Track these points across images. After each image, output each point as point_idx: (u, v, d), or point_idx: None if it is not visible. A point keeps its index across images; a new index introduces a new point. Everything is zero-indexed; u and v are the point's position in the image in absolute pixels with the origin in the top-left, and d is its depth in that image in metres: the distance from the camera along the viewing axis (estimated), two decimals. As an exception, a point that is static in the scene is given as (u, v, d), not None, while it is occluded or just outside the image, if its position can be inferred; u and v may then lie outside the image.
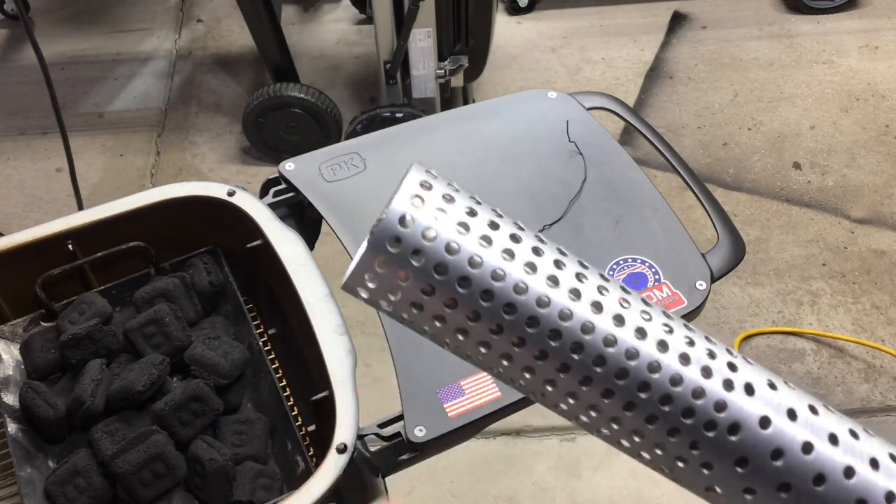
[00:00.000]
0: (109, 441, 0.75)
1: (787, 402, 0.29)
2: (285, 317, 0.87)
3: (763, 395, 0.29)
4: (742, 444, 0.28)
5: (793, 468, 0.28)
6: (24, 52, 2.47)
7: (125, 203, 0.87)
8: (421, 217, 0.30)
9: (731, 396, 0.29)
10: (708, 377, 0.29)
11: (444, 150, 0.98)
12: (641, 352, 0.29)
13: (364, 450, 0.75)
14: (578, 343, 0.29)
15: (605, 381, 0.29)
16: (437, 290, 0.30)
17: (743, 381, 0.29)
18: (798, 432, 0.29)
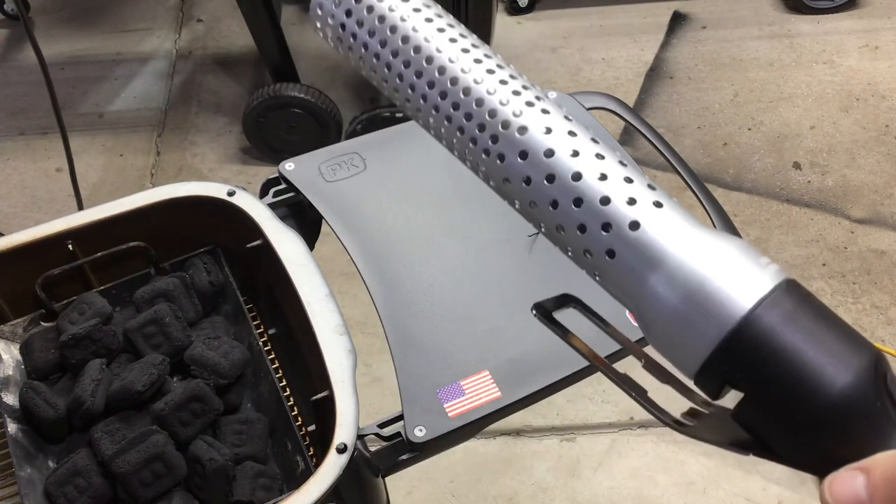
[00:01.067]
0: (109, 441, 0.75)
1: (564, 128, 0.37)
2: (285, 317, 0.87)
3: (554, 123, 0.37)
4: (526, 142, 0.37)
5: (558, 166, 0.36)
6: (24, 52, 2.47)
7: (125, 203, 0.87)
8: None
9: (528, 111, 0.38)
10: (510, 97, 0.38)
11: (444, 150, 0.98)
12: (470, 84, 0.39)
13: (364, 450, 0.75)
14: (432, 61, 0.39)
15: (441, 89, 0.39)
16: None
17: (538, 107, 0.38)
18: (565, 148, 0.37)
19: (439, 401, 0.76)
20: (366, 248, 0.87)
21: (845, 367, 0.32)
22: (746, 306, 0.33)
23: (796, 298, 0.34)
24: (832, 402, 0.32)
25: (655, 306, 0.35)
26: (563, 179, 0.36)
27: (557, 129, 0.37)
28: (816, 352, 0.33)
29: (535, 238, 0.88)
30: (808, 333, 0.33)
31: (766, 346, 0.33)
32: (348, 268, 0.85)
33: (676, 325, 0.35)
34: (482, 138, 0.38)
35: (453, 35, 0.40)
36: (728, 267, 0.34)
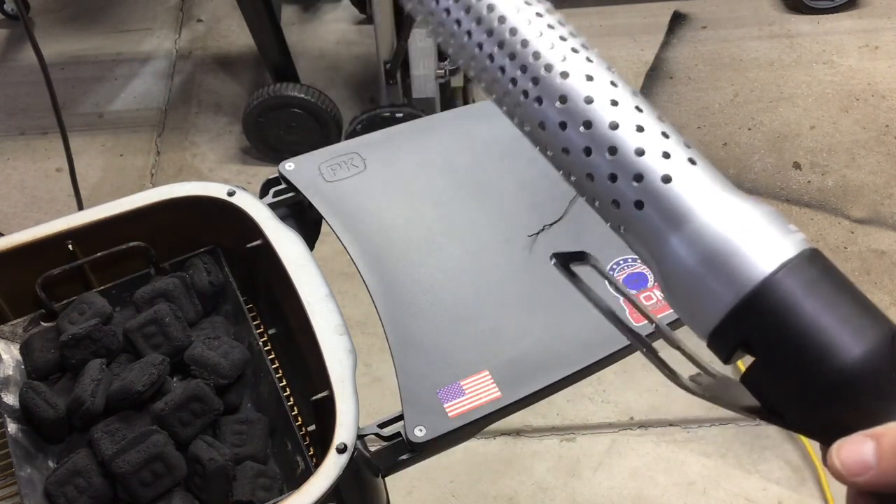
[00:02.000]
0: (109, 441, 0.75)
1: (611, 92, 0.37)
2: (285, 317, 0.87)
3: (596, 72, 0.38)
4: (566, 87, 0.37)
5: (596, 113, 0.36)
6: (24, 52, 2.47)
7: (125, 203, 0.87)
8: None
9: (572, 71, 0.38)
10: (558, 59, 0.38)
11: (444, 150, 0.98)
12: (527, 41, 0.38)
13: (364, 450, 0.75)
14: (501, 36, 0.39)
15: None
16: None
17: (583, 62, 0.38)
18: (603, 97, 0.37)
19: (439, 401, 0.76)
20: (366, 248, 0.87)
21: (862, 337, 0.32)
22: (767, 270, 0.34)
23: (819, 268, 0.34)
24: (846, 371, 0.32)
25: (677, 263, 0.35)
26: (600, 127, 0.36)
27: (599, 77, 0.37)
28: (834, 320, 0.33)
29: (535, 238, 0.88)
30: (827, 302, 0.33)
31: (783, 310, 0.33)
32: (348, 268, 0.85)
33: (695, 284, 0.35)
34: (523, 79, 0.38)
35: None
36: (753, 230, 0.34)
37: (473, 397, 0.76)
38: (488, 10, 0.39)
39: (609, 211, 0.37)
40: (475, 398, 0.76)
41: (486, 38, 0.39)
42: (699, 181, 0.35)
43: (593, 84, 0.37)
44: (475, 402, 0.76)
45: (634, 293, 0.41)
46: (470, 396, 0.76)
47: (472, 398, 0.76)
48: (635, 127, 0.36)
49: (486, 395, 0.76)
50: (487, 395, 0.76)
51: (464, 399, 0.76)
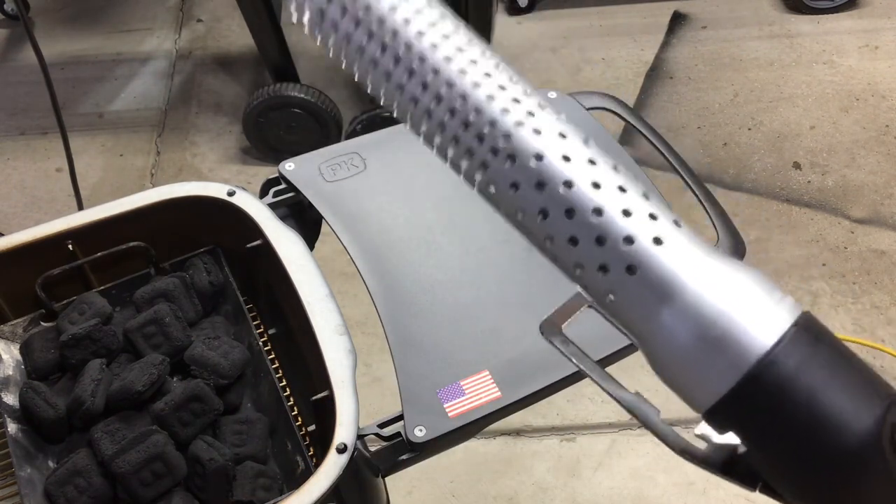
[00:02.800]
0: (109, 441, 0.75)
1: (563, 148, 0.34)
2: (285, 317, 0.87)
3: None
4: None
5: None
6: (24, 52, 2.47)
7: (125, 203, 0.87)
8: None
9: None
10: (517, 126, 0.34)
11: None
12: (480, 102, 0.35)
13: (364, 450, 0.75)
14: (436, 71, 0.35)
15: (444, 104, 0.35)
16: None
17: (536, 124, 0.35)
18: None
19: (439, 401, 0.76)
20: (366, 248, 0.87)
21: (861, 417, 0.31)
22: (766, 344, 0.32)
23: (813, 336, 0.33)
24: (845, 455, 0.31)
25: (667, 340, 0.33)
26: (581, 186, 0.33)
27: (571, 136, 0.34)
28: (834, 397, 0.32)
29: (535, 238, 0.88)
30: (825, 376, 0.32)
31: (782, 389, 0.32)
32: (348, 268, 0.85)
33: (690, 361, 0.33)
34: (492, 138, 0.34)
35: (447, 31, 0.36)
36: (746, 301, 0.33)
37: (473, 397, 0.76)
38: (434, 74, 0.35)
39: (595, 278, 0.34)
40: (475, 398, 0.76)
41: (435, 107, 0.35)
42: (687, 245, 0.33)
43: (567, 143, 0.34)
44: (475, 402, 0.76)
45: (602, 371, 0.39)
46: (470, 396, 0.76)
47: (472, 398, 0.76)
48: (618, 188, 0.33)
49: (486, 395, 0.76)
50: (487, 395, 0.76)
51: (464, 399, 0.76)
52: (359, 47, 0.36)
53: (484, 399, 0.76)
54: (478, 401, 0.76)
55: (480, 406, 0.76)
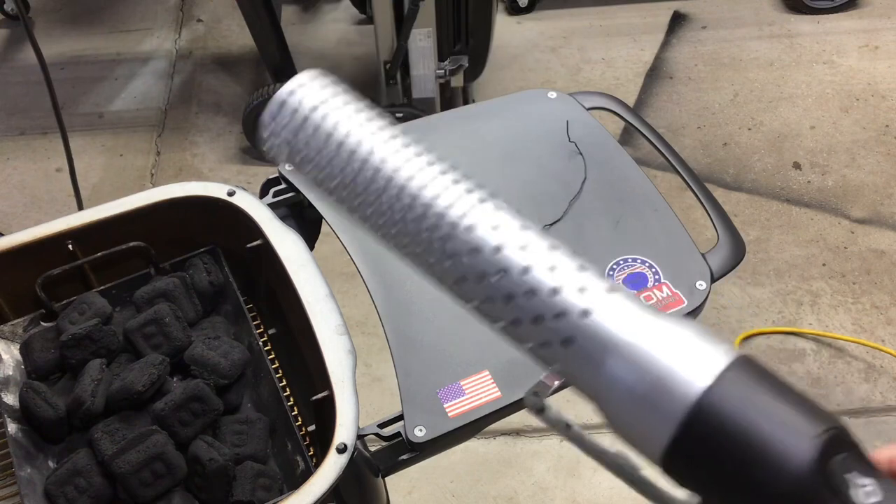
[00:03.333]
0: (109, 441, 0.75)
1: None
2: (285, 317, 0.87)
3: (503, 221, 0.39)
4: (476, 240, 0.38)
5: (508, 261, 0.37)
6: (24, 52, 2.47)
7: (125, 203, 0.87)
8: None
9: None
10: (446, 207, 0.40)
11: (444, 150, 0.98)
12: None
13: (364, 450, 0.75)
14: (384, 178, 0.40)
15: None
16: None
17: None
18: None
19: (439, 401, 0.76)
20: (366, 248, 0.87)
21: (795, 458, 0.31)
22: (700, 388, 0.33)
23: (750, 374, 0.33)
24: (781, 498, 0.31)
25: (612, 398, 0.35)
26: (514, 273, 0.37)
27: (506, 224, 0.39)
28: (767, 443, 0.32)
29: (535, 238, 0.88)
30: (759, 422, 0.32)
31: (716, 436, 0.32)
32: (348, 268, 0.85)
33: (634, 417, 0.35)
34: (437, 239, 0.39)
35: (397, 146, 0.41)
36: (678, 351, 0.34)
37: (473, 397, 0.76)
38: (397, 198, 0.40)
39: (541, 352, 0.37)
40: (475, 398, 0.76)
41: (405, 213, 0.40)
42: (620, 308, 0.35)
43: (501, 232, 0.38)
44: (475, 402, 0.76)
45: (588, 434, 0.41)
46: (470, 396, 0.76)
47: (472, 398, 0.76)
48: (548, 268, 0.36)
49: (486, 395, 0.76)
50: (487, 395, 0.76)
51: (464, 399, 0.76)
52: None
53: (484, 399, 0.76)
54: (478, 401, 0.76)
55: (480, 406, 0.76)
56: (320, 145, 0.41)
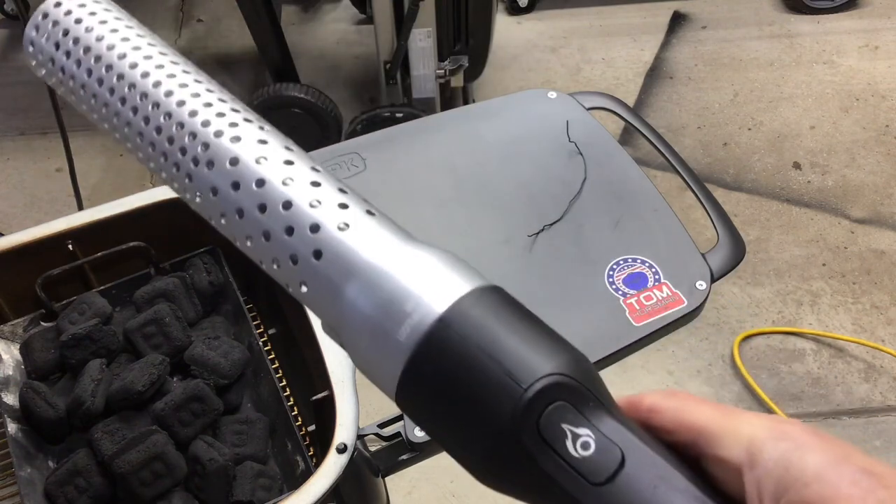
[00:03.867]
0: (109, 441, 0.75)
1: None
2: (285, 317, 0.87)
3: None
4: (236, 150, 0.36)
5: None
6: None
7: (125, 203, 0.87)
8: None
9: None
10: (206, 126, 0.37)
11: (444, 150, 0.98)
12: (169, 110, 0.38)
13: (364, 450, 0.75)
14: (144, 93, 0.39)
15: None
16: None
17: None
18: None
19: (439, 401, 0.76)
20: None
21: (506, 397, 0.30)
22: (439, 309, 0.31)
23: (485, 309, 0.32)
24: (488, 435, 0.30)
25: (351, 322, 0.33)
26: (273, 183, 0.35)
27: (272, 141, 0.37)
28: (487, 378, 0.30)
29: (535, 238, 0.88)
30: (478, 356, 0.31)
31: (444, 366, 0.31)
32: (348, 268, 0.85)
33: (372, 344, 0.33)
34: (192, 146, 0.37)
35: (160, 61, 0.41)
36: (421, 276, 0.32)
37: (473, 397, 0.76)
38: (141, 99, 0.39)
39: (289, 269, 0.35)
40: (475, 398, 0.76)
41: (151, 110, 0.38)
42: (375, 230, 0.34)
43: (266, 147, 0.36)
44: (475, 402, 0.76)
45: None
46: (470, 396, 0.76)
47: (472, 398, 0.76)
48: (310, 183, 0.35)
49: (486, 395, 0.76)
50: (487, 395, 0.76)
51: (464, 399, 0.76)
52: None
53: (484, 399, 0.76)
54: (478, 401, 0.76)
55: (480, 406, 0.75)
56: (81, 59, 0.40)
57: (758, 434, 0.29)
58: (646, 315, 0.81)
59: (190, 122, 0.37)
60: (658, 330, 0.81)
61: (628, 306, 0.82)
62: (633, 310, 0.82)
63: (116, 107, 0.39)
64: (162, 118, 0.38)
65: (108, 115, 0.40)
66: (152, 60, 0.41)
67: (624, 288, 0.84)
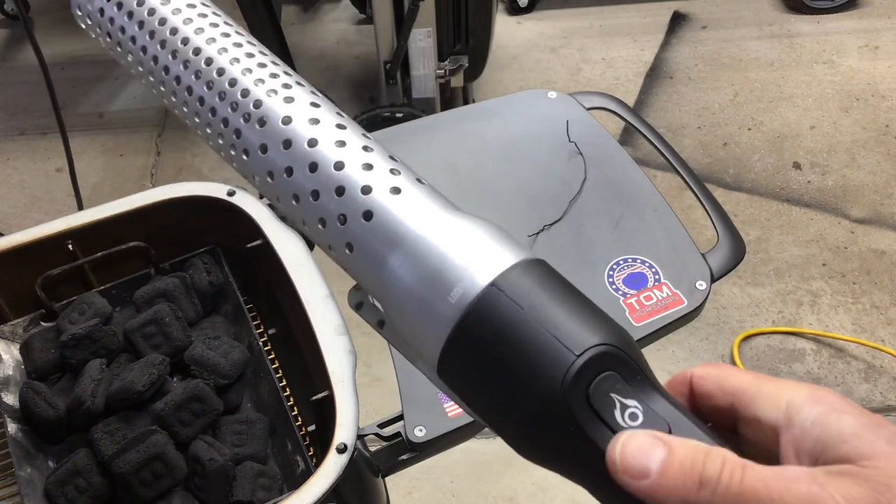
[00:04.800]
0: (109, 441, 0.75)
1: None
2: (285, 317, 0.87)
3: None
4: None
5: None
6: (24, 52, 2.47)
7: (125, 203, 0.87)
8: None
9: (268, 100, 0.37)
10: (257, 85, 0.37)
11: (444, 150, 0.98)
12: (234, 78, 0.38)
13: (364, 450, 0.75)
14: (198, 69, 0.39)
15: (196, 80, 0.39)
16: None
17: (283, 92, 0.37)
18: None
19: (439, 401, 0.76)
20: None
21: (554, 370, 0.30)
22: (483, 282, 0.31)
23: (538, 276, 0.32)
24: (536, 408, 0.30)
25: (395, 289, 0.33)
26: (301, 169, 0.35)
27: (324, 107, 0.36)
28: (533, 351, 0.30)
29: (535, 238, 0.88)
30: (525, 327, 0.30)
31: (488, 337, 0.31)
32: (348, 268, 0.85)
33: (414, 312, 0.33)
34: (227, 133, 0.37)
35: (204, 24, 0.41)
36: (468, 247, 0.32)
37: (473, 397, 0.76)
38: (195, 54, 0.39)
39: (336, 231, 0.35)
40: (475, 398, 0.76)
41: (194, 81, 0.39)
42: (423, 199, 0.34)
43: (319, 110, 0.36)
44: (475, 402, 0.76)
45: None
46: (470, 396, 0.76)
47: (472, 398, 0.76)
48: (362, 147, 0.35)
49: (486, 395, 0.76)
50: (487, 395, 0.76)
51: (464, 399, 0.76)
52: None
53: (484, 399, 0.76)
54: (478, 401, 0.76)
55: (480, 406, 0.75)
56: (133, 9, 0.40)
57: (795, 398, 0.31)
58: (646, 315, 0.81)
59: (243, 80, 0.37)
60: (658, 330, 0.81)
61: (628, 306, 0.82)
62: (633, 310, 0.82)
63: (167, 61, 0.39)
64: (215, 73, 0.38)
65: (158, 73, 0.40)
66: (207, 19, 0.41)
67: (624, 288, 0.84)
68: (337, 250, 0.35)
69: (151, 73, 0.40)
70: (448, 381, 0.33)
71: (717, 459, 0.28)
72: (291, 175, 0.35)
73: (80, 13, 0.42)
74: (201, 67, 0.38)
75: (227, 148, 0.37)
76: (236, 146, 0.37)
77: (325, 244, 0.35)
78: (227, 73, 0.38)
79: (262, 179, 0.36)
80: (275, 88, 0.37)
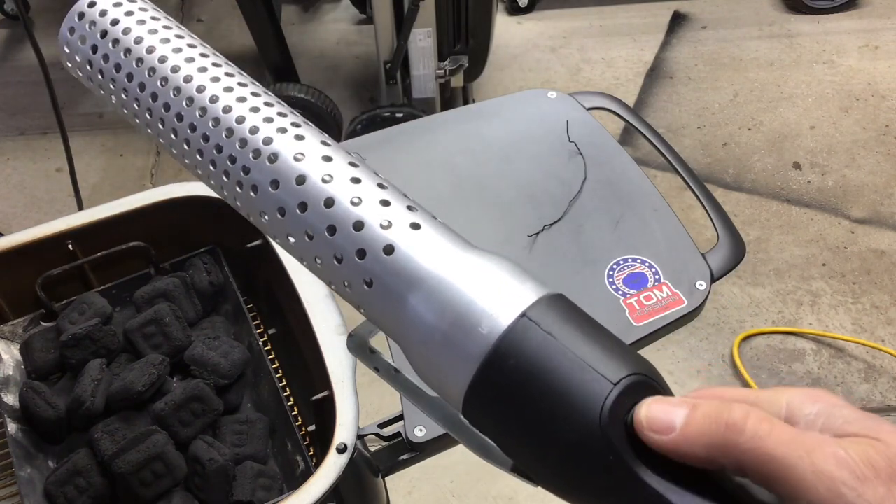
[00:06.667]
0: (109, 441, 0.75)
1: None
2: (285, 317, 0.87)
3: (307, 148, 0.36)
4: (277, 170, 0.36)
5: (310, 191, 0.35)
6: (24, 52, 2.47)
7: (125, 203, 0.87)
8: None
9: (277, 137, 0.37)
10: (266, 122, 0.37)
11: (444, 150, 0.98)
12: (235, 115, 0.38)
13: (364, 450, 0.75)
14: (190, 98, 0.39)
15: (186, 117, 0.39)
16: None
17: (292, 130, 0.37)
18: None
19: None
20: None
21: (588, 405, 0.30)
22: (502, 325, 0.31)
23: (553, 319, 0.32)
24: (570, 444, 0.30)
25: (415, 330, 0.33)
26: (315, 206, 0.34)
27: (310, 154, 0.36)
28: (564, 387, 0.30)
29: (535, 238, 0.88)
30: (558, 364, 0.31)
31: (515, 376, 0.31)
32: (348, 268, 0.85)
33: (436, 353, 0.33)
34: (234, 170, 0.37)
35: (203, 64, 0.41)
36: (486, 286, 0.32)
37: (473, 397, 0.76)
38: (187, 105, 0.39)
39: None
40: (475, 398, 0.76)
41: (191, 134, 0.38)
42: (427, 243, 0.34)
43: (303, 163, 0.36)
44: (475, 402, 0.76)
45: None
46: (470, 396, 0.76)
47: (472, 398, 0.76)
48: (351, 200, 0.34)
49: (486, 395, 0.76)
50: (487, 395, 0.76)
51: (464, 399, 0.76)
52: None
53: (484, 399, 0.76)
54: (478, 401, 0.76)
55: (480, 406, 0.75)
56: (120, 61, 0.39)
57: (794, 398, 0.32)
58: (646, 315, 0.81)
59: (250, 119, 0.38)
60: (658, 330, 0.81)
61: (628, 306, 0.82)
62: (633, 310, 0.82)
63: (160, 112, 0.39)
64: (210, 123, 0.38)
65: (153, 121, 0.40)
66: (195, 63, 0.42)
67: (624, 288, 0.84)
68: (353, 286, 0.34)
69: (160, 137, 0.41)
70: (474, 417, 0.33)
71: (741, 409, 0.30)
72: (305, 210, 0.35)
73: (67, 56, 0.42)
74: (195, 119, 0.39)
75: (233, 186, 0.37)
76: (243, 183, 0.37)
77: (339, 281, 0.35)
78: (233, 112, 0.38)
79: (272, 217, 0.36)
80: (284, 126, 0.37)
